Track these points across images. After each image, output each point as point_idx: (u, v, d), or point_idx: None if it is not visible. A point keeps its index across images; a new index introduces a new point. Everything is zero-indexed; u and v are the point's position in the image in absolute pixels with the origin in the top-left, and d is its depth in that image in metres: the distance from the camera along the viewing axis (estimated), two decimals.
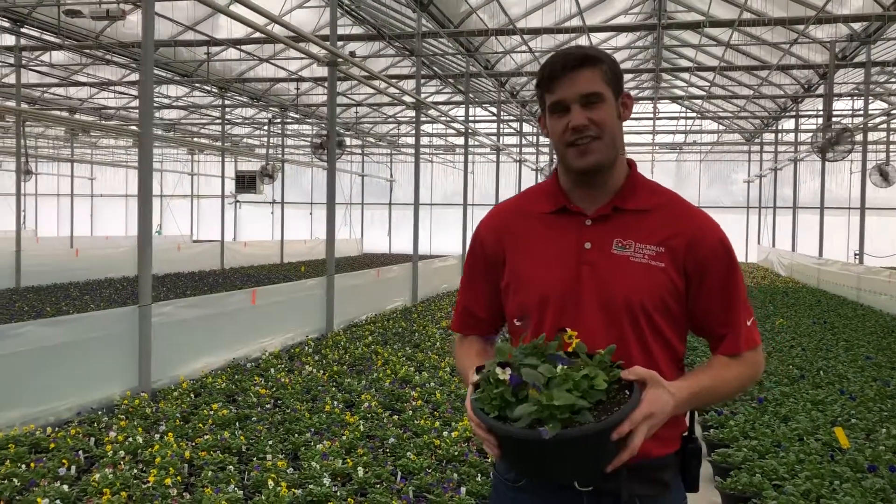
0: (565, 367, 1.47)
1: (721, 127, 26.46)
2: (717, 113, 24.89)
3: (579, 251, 1.72)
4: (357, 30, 14.29)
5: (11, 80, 16.70)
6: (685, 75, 19.98)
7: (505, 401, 1.47)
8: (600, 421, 1.42)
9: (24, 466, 4.36)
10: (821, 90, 17.31)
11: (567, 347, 1.57)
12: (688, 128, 25.40)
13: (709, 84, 19.65)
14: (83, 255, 17.77)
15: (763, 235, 27.20)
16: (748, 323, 1.74)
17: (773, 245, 25.41)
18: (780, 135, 24.68)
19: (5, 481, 4.07)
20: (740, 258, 27.70)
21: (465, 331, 1.94)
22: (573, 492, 1.65)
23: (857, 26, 13.98)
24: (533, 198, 1.86)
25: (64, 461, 4.44)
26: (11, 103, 16.78)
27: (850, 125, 15.83)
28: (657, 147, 26.74)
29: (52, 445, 4.79)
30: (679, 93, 22.29)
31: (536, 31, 13.23)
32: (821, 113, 17.83)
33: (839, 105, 19.23)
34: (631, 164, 1.80)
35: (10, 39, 14.23)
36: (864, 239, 16.43)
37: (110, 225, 32.18)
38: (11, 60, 14.97)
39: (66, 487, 3.99)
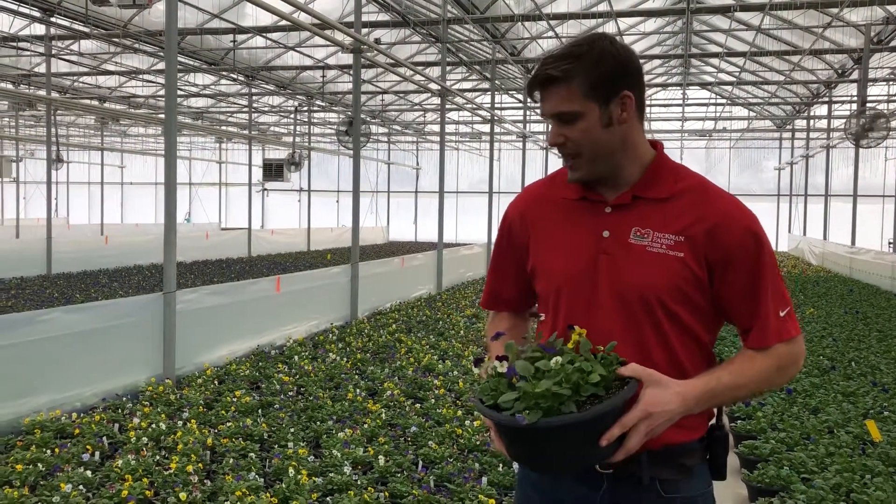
0: (560, 360, 1.47)
1: (751, 113, 26.03)
2: (748, 99, 24.47)
3: (598, 240, 1.68)
4: (383, 16, 14.23)
5: (42, 69, 16.89)
6: (715, 61, 19.66)
7: (500, 392, 1.51)
8: (582, 413, 1.42)
9: (49, 452, 4.40)
10: (855, 75, 16.92)
11: (569, 343, 1.56)
12: (717, 114, 25.02)
13: (739, 70, 19.32)
14: (113, 243, 17.98)
15: (794, 224, 26.76)
16: (781, 314, 1.64)
17: (805, 234, 24.99)
18: (812, 121, 24.22)
19: (30, 466, 4.11)
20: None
21: (496, 308, 1.96)
22: (594, 473, 1.63)
23: (893, 9, 13.62)
24: (558, 183, 1.81)
25: (88, 447, 4.48)
26: (42, 92, 16.96)
27: (885, 111, 15.46)
28: (686, 134, 26.39)
29: (77, 431, 4.83)
30: (709, 79, 21.94)
31: (563, 17, 13.06)
32: (855, 98, 17.43)
33: (874, 90, 18.79)
34: (657, 147, 1.72)
35: (40, 29, 14.37)
36: None
37: (140, 213, 32.55)
38: (42, 49, 15.12)
39: (89, 473, 4.02)
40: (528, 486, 1.77)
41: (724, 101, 23.63)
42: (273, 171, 21.57)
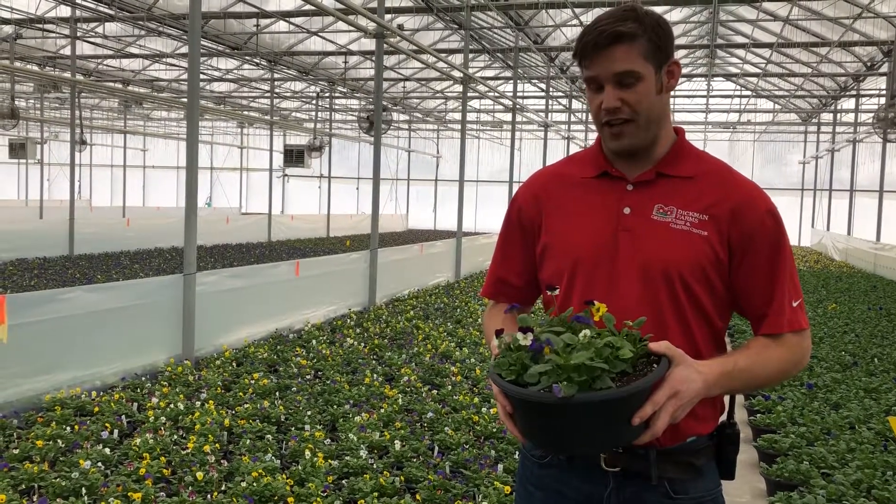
0: (588, 333, 1.39)
1: (777, 106, 25.71)
2: (773, 91, 24.17)
3: (618, 216, 1.64)
4: (406, 2, 14.17)
5: (67, 51, 17.00)
6: (741, 52, 19.42)
7: (523, 366, 1.40)
8: (621, 388, 1.33)
9: (68, 429, 4.45)
10: (884, 68, 16.65)
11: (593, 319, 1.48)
12: (742, 107, 24.75)
13: (765, 61, 19.07)
14: (134, 225, 18.12)
15: (817, 218, 26.45)
16: (794, 304, 1.61)
17: (828, 229, 24.69)
18: (839, 115, 23.89)
19: (50, 442, 4.15)
20: (793, 241, 27.02)
21: (496, 298, 1.86)
22: (600, 471, 1.58)
23: None
24: (574, 163, 1.78)
25: (107, 425, 4.52)
26: (67, 74, 17.09)
27: None
28: (710, 126, 26.13)
29: (97, 409, 4.87)
30: (734, 70, 21.69)
31: (588, 5, 12.94)
32: (883, 92, 17.16)
33: None
34: (678, 132, 1.71)
35: (65, 11, 14.46)
36: None
37: (161, 196, 32.76)
38: (67, 32, 15.21)
39: (108, 450, 4.06)
40: (529, 483, 1.71)
41: (749, 93, 23.35)
42: (294, 156, 21.62)
